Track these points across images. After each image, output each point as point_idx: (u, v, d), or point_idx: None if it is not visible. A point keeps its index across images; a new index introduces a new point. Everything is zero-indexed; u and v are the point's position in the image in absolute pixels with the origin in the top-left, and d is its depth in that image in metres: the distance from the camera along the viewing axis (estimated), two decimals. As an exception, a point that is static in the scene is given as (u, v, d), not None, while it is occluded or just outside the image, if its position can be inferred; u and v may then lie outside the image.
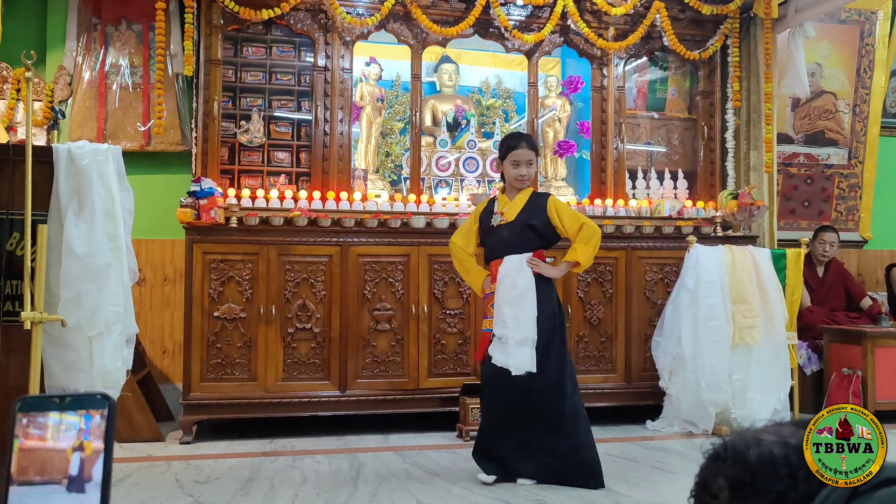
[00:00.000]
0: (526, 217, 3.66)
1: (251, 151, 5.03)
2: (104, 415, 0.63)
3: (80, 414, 0.62)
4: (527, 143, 3.70)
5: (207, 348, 4.46)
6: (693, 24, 5.60)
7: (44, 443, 0.61)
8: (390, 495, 3.36)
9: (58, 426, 0.62)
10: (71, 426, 0.62)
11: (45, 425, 0.62)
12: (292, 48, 5.15)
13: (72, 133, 5.13)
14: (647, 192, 5.64)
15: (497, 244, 3.71)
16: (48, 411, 0.63)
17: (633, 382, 5.04)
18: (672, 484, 3.54)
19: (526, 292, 3.55)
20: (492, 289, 3.63)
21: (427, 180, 5.44)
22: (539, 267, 3.59)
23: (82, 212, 3.52)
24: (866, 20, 6.53)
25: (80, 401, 0.64)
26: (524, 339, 3.50)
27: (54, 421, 0.62)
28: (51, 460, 0.61)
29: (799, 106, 6.50)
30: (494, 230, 3.71)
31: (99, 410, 0.63)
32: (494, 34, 5.31)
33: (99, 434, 0.62)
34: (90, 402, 0.63)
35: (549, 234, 3.69)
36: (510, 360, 3.49)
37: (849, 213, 6.66)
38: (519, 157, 3.66)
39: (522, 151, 3.66)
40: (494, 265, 3.68)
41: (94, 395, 0.64)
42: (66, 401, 0.63)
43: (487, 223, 3.75)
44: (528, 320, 3.51)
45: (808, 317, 5.50)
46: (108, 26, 5.31)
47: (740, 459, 0.92)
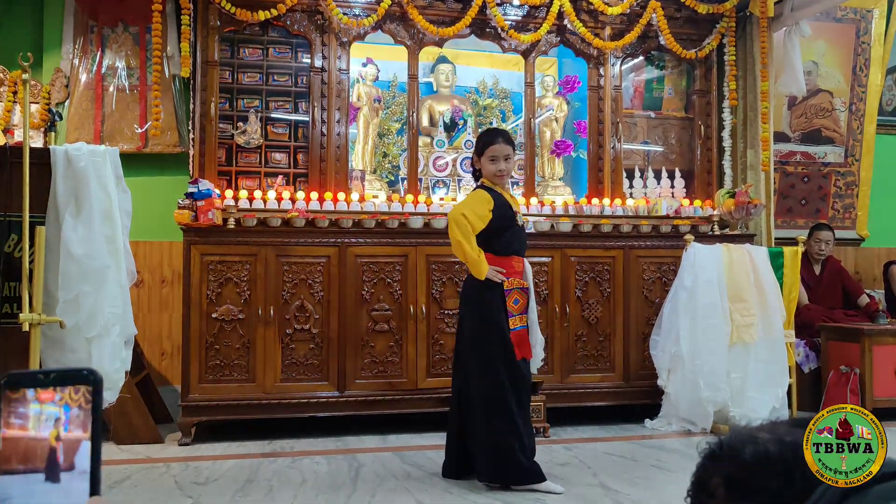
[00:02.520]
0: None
1: (248, 153, 5.03)
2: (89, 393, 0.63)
3: (60, 404, 0.62)
4: (503, 138, 3.66)
5: (206, 350, 4.46)
6: (689, 23, 5.61)
7: (25, 432, 0.61)
8: (389, 496, 3.36)
9: (38, 416, 0.62)
10: (50, 416, 0.62)
11: (26, 415, 0.62)
12: (289, 49, 5.14)
13: (69, 135, 5.12)
14: (645, 191, 5.65)
15: (520, 242, 3.72)
16: (34, 387, 0.63)
17: (631, 381, 5.05)
18: (671, 482, 3.54)
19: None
20: (511, 284, 3.59)
21: (424, 181, 5.44)
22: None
23: (80, 214, 3.53)
24: (862, 18, 6.54)
25: (66, 376, 0.63)
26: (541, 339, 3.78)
27: (34, 411, 0.62)
28: (32, 449, 0.61)
29: (795, 104, 6.50)
30: (518, 227, 3.69)
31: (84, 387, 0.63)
32: (491, 34, 5.32)
33: (79, 423, 0.62)
34: (76, 378, 0.63)
35: None
36: (538, 359, 3.76)
37: (846, 211, 6.67)
38: (497, 152, 3.62)
39: (500, 146, 3.62)
40: (513, 261, 3.63)
41: (80, 371, 0.63)
42: (51, 376, 0.63)
43: (506, 217, 3.64)
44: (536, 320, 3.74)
45: (805, 315, 5.51)
46: (105, 28, 5.31)
47: (736, 457, 0.92)
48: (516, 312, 3.58)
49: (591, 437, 4.63)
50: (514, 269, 3.61)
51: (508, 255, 3.63)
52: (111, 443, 4.26)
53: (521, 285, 3.62)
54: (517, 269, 3.63)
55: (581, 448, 4.30)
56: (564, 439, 4.52)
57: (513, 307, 3.57)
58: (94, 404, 0.62)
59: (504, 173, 3.66)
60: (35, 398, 0.62)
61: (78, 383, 0.62)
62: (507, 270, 3.58)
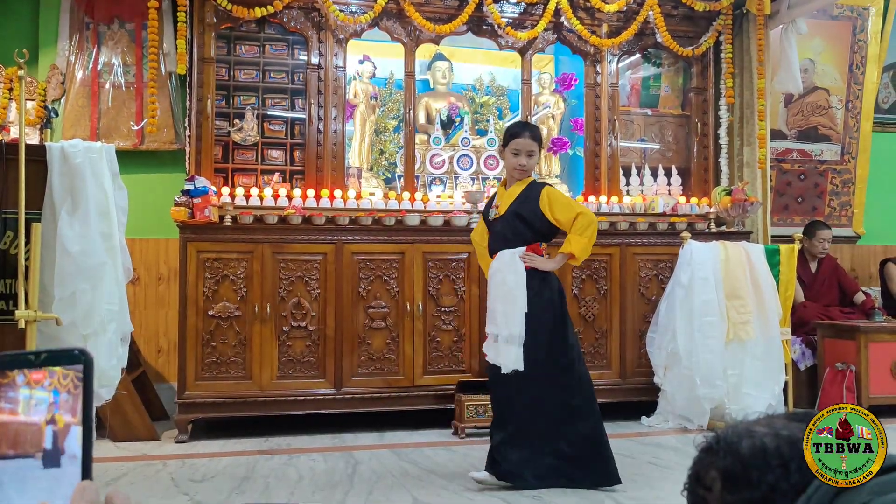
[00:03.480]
0: (516, 208, 3.53)
1: (245, 150, 5.02)
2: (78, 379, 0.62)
3: (50, 389, 0.62)
4: (530, 133, 3.56)
5: (202, 347, 4.46)
6: (686, 20, 5.61)
7: (15, 416, 0.61)
8: (386, 493, 3.36)
9: (28, 401, 0.62)
10: (41, 401, 0.62)
11: (16, 399, 0.62)
12: (286, 46, 5.13)
13: (65, 132, 5.11)
14: (641, 188, 5.65)
15: (493, 238, 3.64)
16: (25, 368, 0.63)
17: (627, 379, 5.05)
18: (667, 479, 3.55)
19: (515, 288, 3.44)
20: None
21: (421, 178, 5.44)
22: (533, 261, 3.46)
23: (76, 210, 3.52)
24: (858, 16, 6.55)
25: (57, 356, 0.63)
26: (511, 337, 3.41)
27: (24, 395, 0.62)
28: (23, 434, 0.61)
29: (792, 102, 6.51)
30: (492, 224, 3.65)
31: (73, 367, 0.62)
32: (488, 31, 5.32)
33: (69, 408, 0.62)
34: (66, 358, 0.63)
35: (543, 226, 3.51)
36: (499, 358, 3.45)
37: (842, 209, 6.68)
38: (520, 146, 3.53)
39: (524, 141, 3.53)
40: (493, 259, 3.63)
41: (71, 350, 0.63)
42: (42, 356, 0.63)
43: (487, 216, 3.69)
44: (517, 317, 3.42)
45: (801, 312, 5.52)
46: (101, 25, 5.30)
47: (733, 451, 0.93)
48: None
49: (588, 434, 4.63)
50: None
51: (492, 254, 3.64)
52: (107, 440, 4.26)
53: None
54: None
55: (578, 445, 4.30)
56: (561, 436, 4.51)
57: None
58: (85, 384, 0.62)
59: (525, 169, 3.55)
60: (25, 382, 0.62)
61: (69, 363, 0.62)
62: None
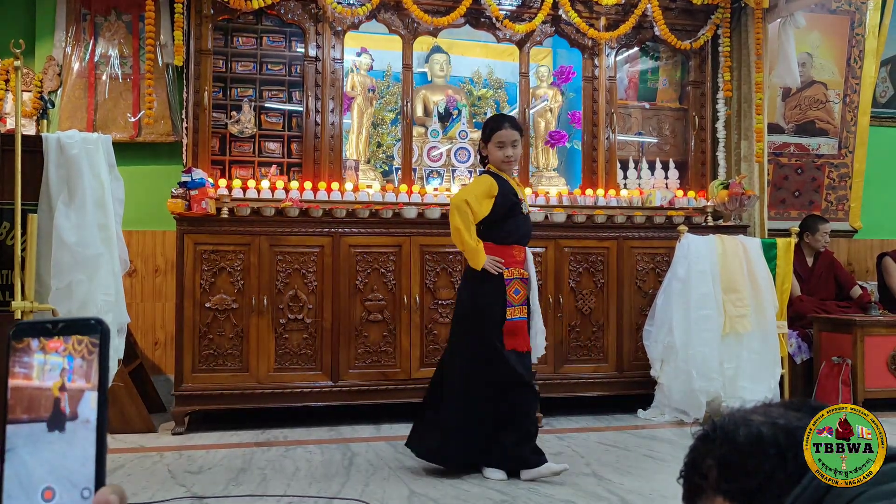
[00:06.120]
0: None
1: (242, 142, 5.01)
2: (95, 343, 0.63)
3: (64, 354, 0.63)
4: (510, 124, 3.60)
5: (199, 339, 4.45)
6: (684, 13, 5.60)
7: (30, 381, 0.62)
8: (382, 485, 3.36)
9: (42, 366, 0.63)
10: (55, 366, 0.63)
11: (31, 364, 0.63)
12: (283, 38, 5.12)
13: (61, 124, 5.10)
14: (639, 182, 5.65)
15: (524, 231, 3.66)
16: (42, 336, 0.64)
17: (624, 372, 5.06)
18: (663, 472, 3.56)
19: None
20: (512, 274, 3.55)
21: (419, 171, 5.43)
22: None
23: (73, 201, 3.51)
24: (856, 10, 6.55)
25: (73, 325, 0.64)
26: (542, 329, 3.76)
27: (39, 361, 0.63)
28: (36, 399, 0.62)
29: (789, 96, 6.51)
30: (522, 216, 3.64)
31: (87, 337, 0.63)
32: (486, 24, 5.31)
33: (83, 373, 0.62)
34: (84, 327, 0.64)
35: None
36: (540, 349, 3.75)
37: (839, 203, 6.69)
38: (504, 137, 3.56)
39: (507, 132, 3.56)
40: (513, 250, 3.59)
41: (87, 320, 0.64)
42: (59, 326, 0.64)
43: (511, 205, 3.59)
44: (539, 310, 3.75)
45: (798, 306, 5.53)
46: (98, 17, 5.28)
47: (729, 439, 0.93)
48: (516, 303, 3.55)
49: (585, 426, 4.64)
50: (514, 259, 3.57)
51: (509, 244, 3.58)
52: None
53: (522, 275, 3.59)
54: (518, 259, 3.59)
55: (574, 438, 4.31)
56: (558, 429, 4.53)
57: (513, 297, 3.55)
58: (101, 353, 0.63)
59: (512, 159, 3.60)
60: (40, 347, 0.63)
61: (85, 333, 0.63)
62: (506, 260, 3.54)
